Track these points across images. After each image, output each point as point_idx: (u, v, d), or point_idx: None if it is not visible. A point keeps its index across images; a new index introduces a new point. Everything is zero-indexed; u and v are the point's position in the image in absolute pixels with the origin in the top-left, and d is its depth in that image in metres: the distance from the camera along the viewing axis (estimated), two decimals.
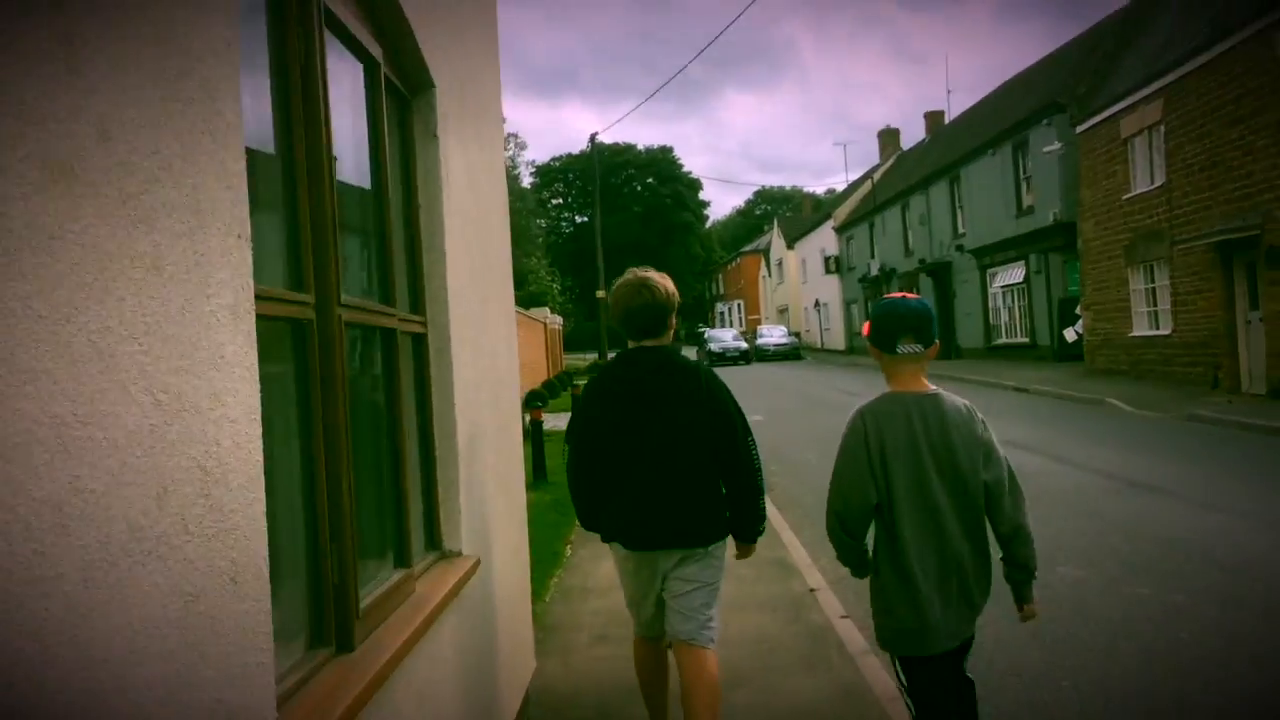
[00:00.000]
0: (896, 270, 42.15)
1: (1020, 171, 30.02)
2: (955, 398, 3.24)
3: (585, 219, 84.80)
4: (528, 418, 12.22)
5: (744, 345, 47.91)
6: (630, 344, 3.95)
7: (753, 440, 3.80)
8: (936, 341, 3.26)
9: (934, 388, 3.23)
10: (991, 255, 31.88)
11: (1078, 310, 27.05)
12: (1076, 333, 27.22)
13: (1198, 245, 18.44)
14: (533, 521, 9.64)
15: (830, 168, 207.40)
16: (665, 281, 3.94)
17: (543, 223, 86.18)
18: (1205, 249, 18.32)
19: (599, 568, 7.95)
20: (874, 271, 44.24)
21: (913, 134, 53.77)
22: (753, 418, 4.07)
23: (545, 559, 7.97)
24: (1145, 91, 20.41)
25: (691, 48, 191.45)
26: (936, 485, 3.09)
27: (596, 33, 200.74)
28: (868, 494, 3.11)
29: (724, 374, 29.98)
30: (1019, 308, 30.83)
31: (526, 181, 69.58)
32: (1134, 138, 21.24)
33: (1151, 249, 20.52)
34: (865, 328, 3.34)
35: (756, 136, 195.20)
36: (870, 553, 3.27)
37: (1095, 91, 23.34)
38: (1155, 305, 20.90)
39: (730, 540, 3.93)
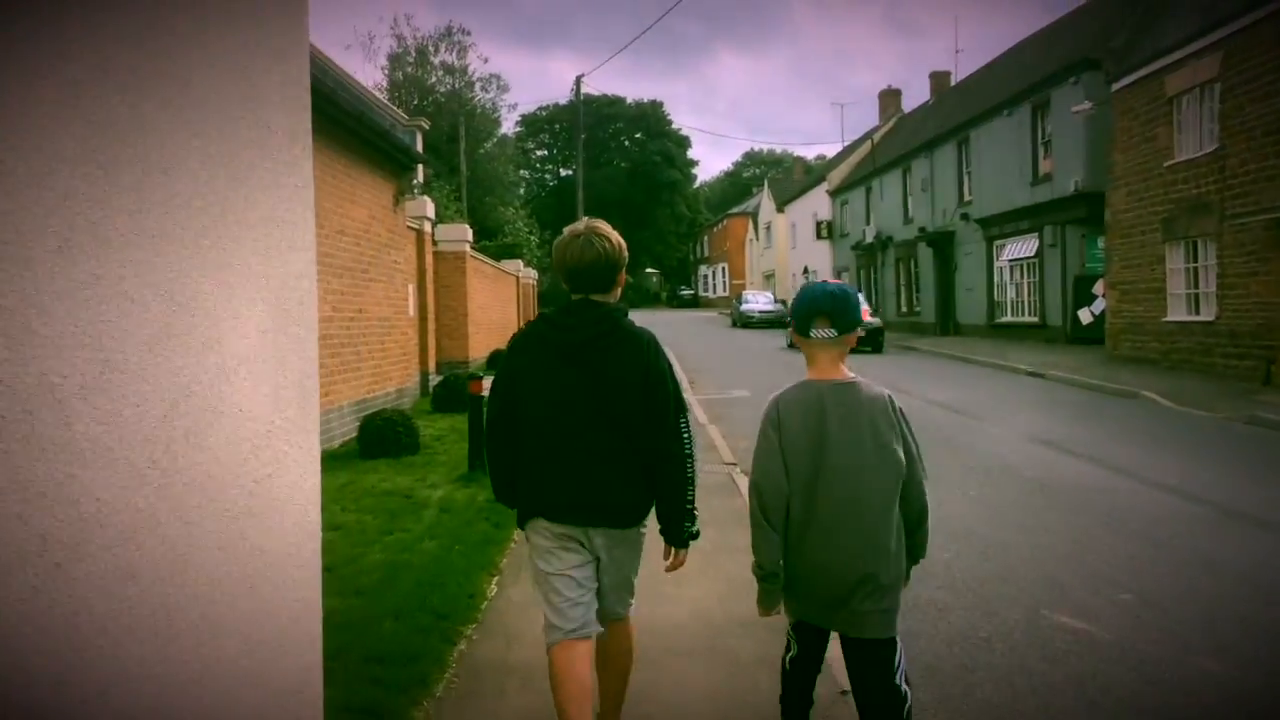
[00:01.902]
0: (894, 238, 39.82)
1: (1039, 135, 27.65)
2: (874, 386, 3.21)
3: (570, 172, 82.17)
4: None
5: (780, 309, 44.89)
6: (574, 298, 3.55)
7: (686, 423, 3.47)
8: (858, 330, 3.24)
9: (852, 375, 3.21)
10: (1000, 226, 29.56)
11: (1095, 289, 24.89)
12: (1092, 314, 25.07)
13: (1255, 221, 16.16)
14: (452, 534, 7.38)
15: (820, 134, 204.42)
16: (615, 235, 3.59)
17: (525, 173, 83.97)
18: (1265, 225, 16.03)
19: (536, 625, 5.60)
20: (869, 238, 41.94)
21: (913, 99, 51.16)
22: (737, 392, 2.42)
23: (454, 603, 5.59)
24: (1199, 44, 18.04)
25: (684, 4, 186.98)
26: (838, 475, 3.10)
27: None
28: (780, 480, 3.15)
29: (717, 340, 27.26)
30: (1029, 284, 28.56)
31: (509, 127, 66.81)
32: (1182, 96, 18.88)
33: (1196, 223, 18.23)
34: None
35: (747, 98, 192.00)
36: (780, 578, 3.25)
37: (1135, 45, 20.92)
38: (1196, 287, 18.63)
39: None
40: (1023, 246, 28.40)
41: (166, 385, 1.77)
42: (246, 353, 2.05)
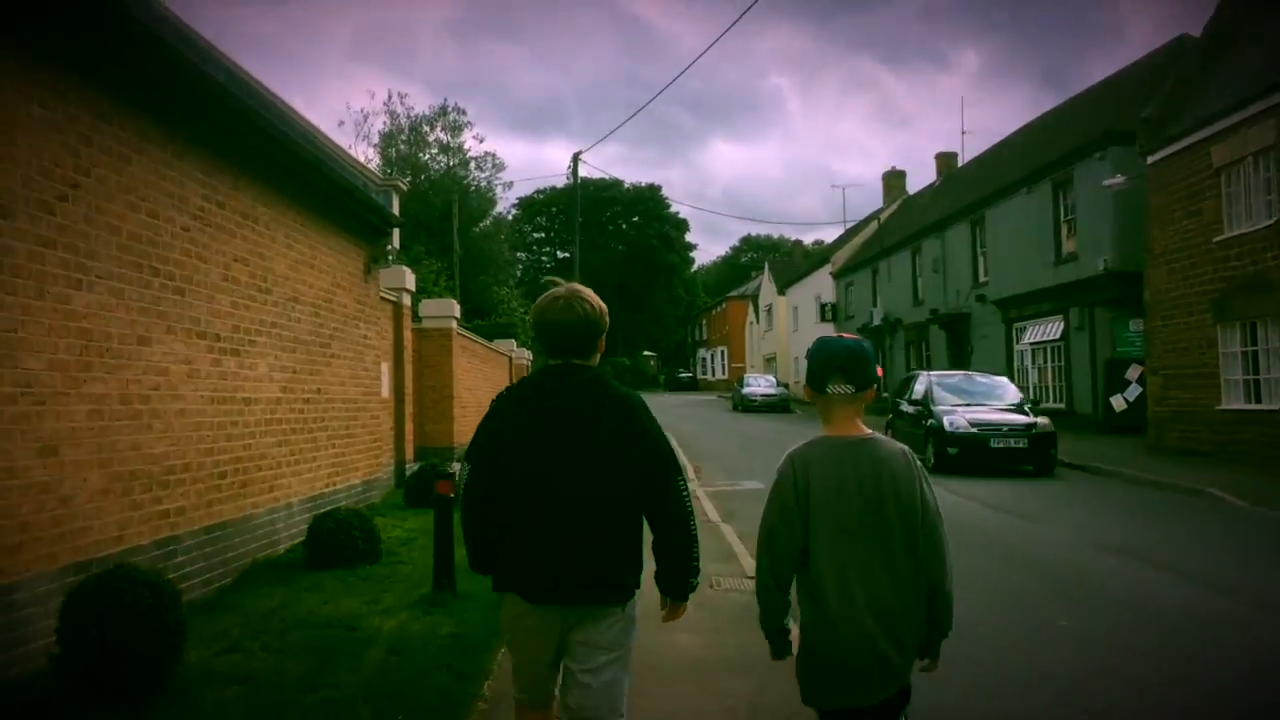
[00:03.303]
0: (903, 320, 38.31)
1: (1061, 213, 26.25)
2: (892, 443, 3.13)
3: (567, 255, 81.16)
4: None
5: (783, 392, 44.90)
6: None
7: (684, 482, 3.33)
8: (874, 386, 3.15)
9: (869, 432, 3.13)
10: (1020, 307, 28.01)
11: (1128, 375, 23.23)
12: (1126, 400, 23.37)
13: None
14: (399, 693, 5.54)
15: (816, 220, 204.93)
16: (596, 298, 3.42)
17: (522, 255, 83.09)
18: None
19: None
20: (876, 320, 40.42)
21: (912, 184, 50.05)
22: (748, 484, 1.80)
23: None
24: (1249, 111, 16.67)
25: (677, 95, 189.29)
26: (862, 534, 2.99)
27: (582, 75, 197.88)
28: (794, 539, 3.03)
29: (719, 425, 25.32)
30: (1053, 368, 26.90)
31: (505, 208, 65.85)
32: (1229, 168, 17.43)
33: (1254, 303, 16.63)
34: None
35: (741, 186, 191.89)
36: (789, 630, 3.16)
37: (1172, 115, 19.57)
38: (1256, 373, 16.95)
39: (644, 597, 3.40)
40: (1046, 329, 26.81)
41: None
42: None
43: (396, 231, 12.97)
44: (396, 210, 13.56)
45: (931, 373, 20.96)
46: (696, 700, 5.36)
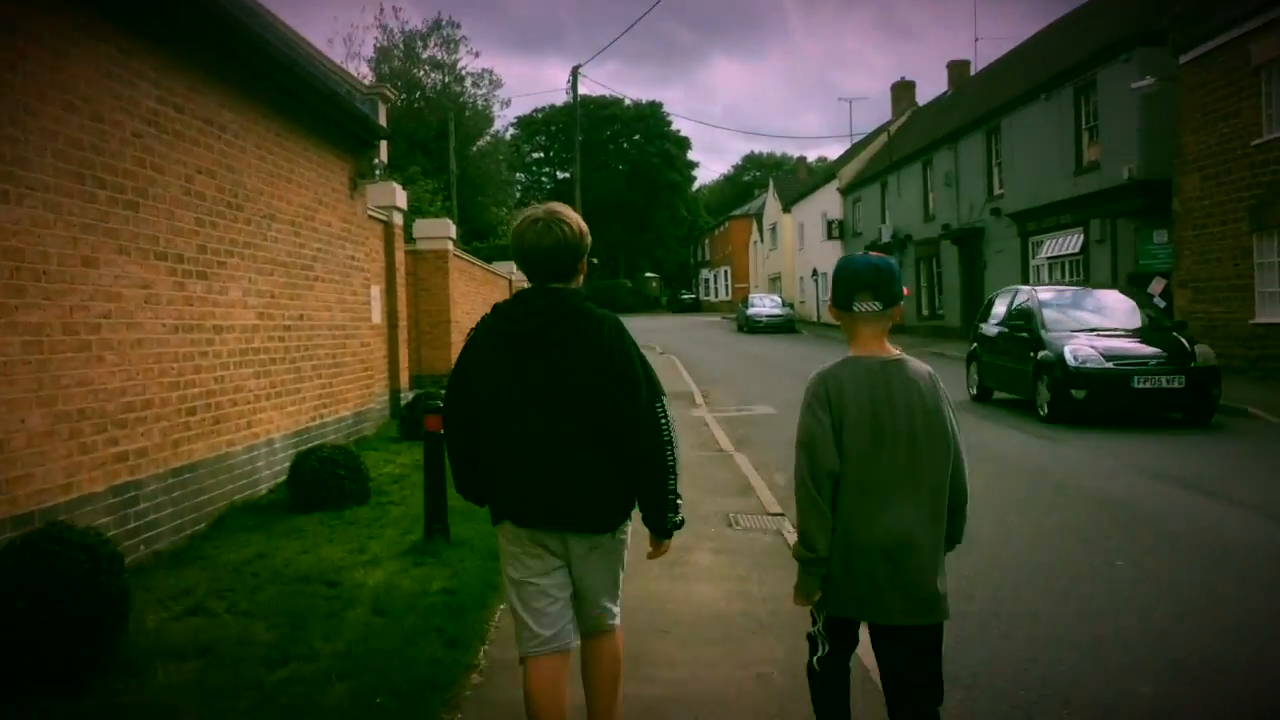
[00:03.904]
0: (913, 236, 37.26)
1: (1082, 120, 25.08)
2: (919, 364, 3.09)
3: (567, 175, 79.71)
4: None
5: (789, 313, 44.27)
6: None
7: (663, 407, 3.19)
8: (900, 304, 3.12)
9: (897, 352, 3.08)
10: (1038, 220, 26.99)
11: (1150, 288, 22.28)
12: (1149, 316, 22.46)
13: None
14: (380, 664, 4.80)
15: (815, 139, 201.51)
16: (577, 219, 3.30)
17: (521, 176, 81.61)
18: None
19: None
20: (885, 237, 39.30)
21: (924, 94, 48.46)
22: (759, 409, 0.59)
23: None
24: None
25: (677, 10, 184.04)
26: (892, 456, 2.97)
27: None
28: (833, 457, 2.97)
29: (725, 347, 24.46)
30: (1072, 283, 25.97)
31: (502, 125, 64.31)
32: (1269, 66, 16.36)
33: None
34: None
35: (743, 102, 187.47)
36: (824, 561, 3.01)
37: (1207, 12, 18.40)
38: None
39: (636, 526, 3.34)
40: (1065, 242, 25.83)
41: None
42: None
43: (384, 144, 12.03)
44: (384, 121, 12.58)
45: (1036, 288, 16.08)
46: (723, 669, 4.65)
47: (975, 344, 16.44)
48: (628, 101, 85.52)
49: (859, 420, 2.97)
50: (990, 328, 15.90)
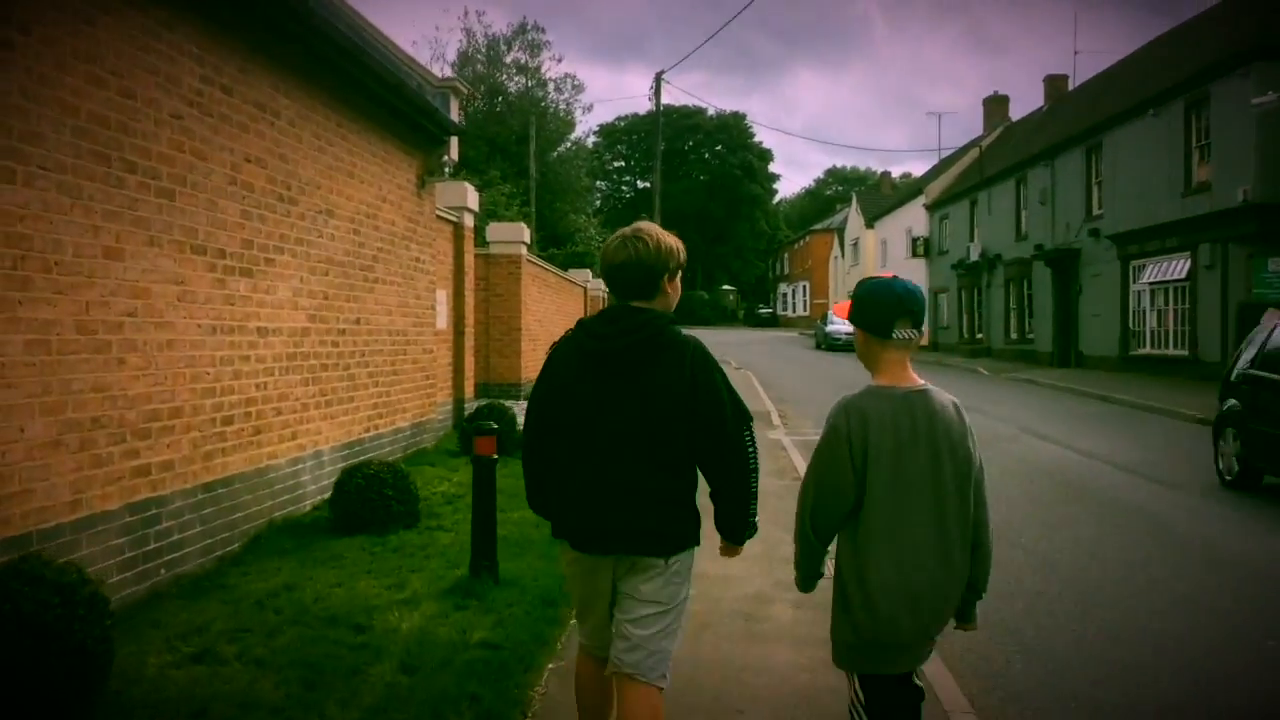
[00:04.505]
0: (1003, 256, 35.79)
1: (1193, 138, 23.63)
2: (944, 395, 3.00)
3: (647, 184, 79.20)
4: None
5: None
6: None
7: (750, 435, 3.16)
8: (924, 328, 3.29)
9: (923, 382, 2.98)
10: (1141, 243, 25.53)
11: (1264, 320, 20.83)
12: None
13: None
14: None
15: (899, 155, 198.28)
16: (663, 236, 3.26)
17: (602, 184, 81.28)
18: None
19: None
20: (974, 256, 37.92)
21: (1016, 110, 46.71)
22: None
23: None
24: None
25: (761, 21, 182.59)
26: (917, 493, 2.88)
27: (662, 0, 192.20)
28: (846, 496, 2.90)
29: (803, 364, 23.47)
30: (1176, 311, 24.48)
31: (583, 131, 63.98)
32: None
33: None
34: (840, 309, 3.18)
35: (826, 116, 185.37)
36: (824, 564, 3.06)
37: None
38: None
39: (700, 548, 3.26)
40: (1169, 267, 24.37)
41: None
42: None
43: (455, 141, 11.39)
44: (456, 116, 11.95)
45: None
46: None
47: (1233, 399, 10.80)
48: (711, 111, 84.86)
49: (881, 455, 2.87)
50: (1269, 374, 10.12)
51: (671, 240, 3.27)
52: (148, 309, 5.81)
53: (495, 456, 6.10)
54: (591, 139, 72.79)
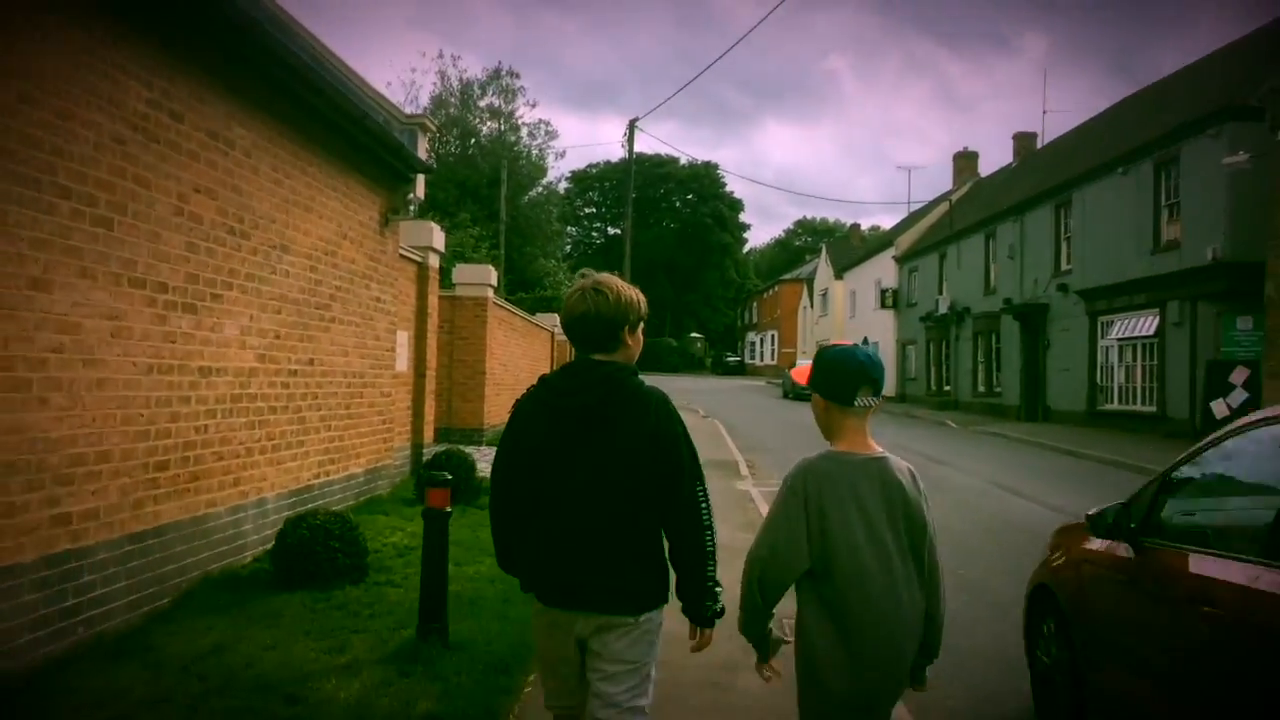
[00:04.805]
0: (971, 309, 35.86)
1: (1162, 196, 23.75)
2: (900, 461, 3.03)
3: (618, 231, 79.30)
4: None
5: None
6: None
7: (704, 491, 3.11)
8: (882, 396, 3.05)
9: (880, 450, 3.02)
10: (1109, 299, 25.57)
11: (1232, 378, 20.85)
12: (1229, 407, 20.92)
13: None
14: None
15: (868, 207, 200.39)
16: (624, 289, 3.23)
17: (573, 230, 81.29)
18: None
19: None
20: (942, 309, 37.98)
21: (988, 165, 47.24)
22: None
23: None
24: None
25: (733, 74, 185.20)
26: (876, 558, 2.88)
27: (636, 50, 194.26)
28: (798, 560, 2.91)
29: (770, 413, 23.18)
30: (1144, 367, 24.47)
31: (554, 175, 63.97)
32: None
33: None
34: (799, 373, 3.22)
35: (795, 168, 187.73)
36: (772, 631, 3.10)
37: None
38: None
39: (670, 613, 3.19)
40: (1138, 324, 24.39)
41: None
42: None
43: (422, 179, 11.07)
44: (424, 154, 11.64)
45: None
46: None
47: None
48: (683, 160, 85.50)
49: (840, 520, 2.90)
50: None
51: (632, 293, 3.24)
52: (77, 345, 5.40)
53: (449, 510, 5.70)
54: (563, 185, 72.92)
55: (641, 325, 3.28)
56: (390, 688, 4.87)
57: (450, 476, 5.83)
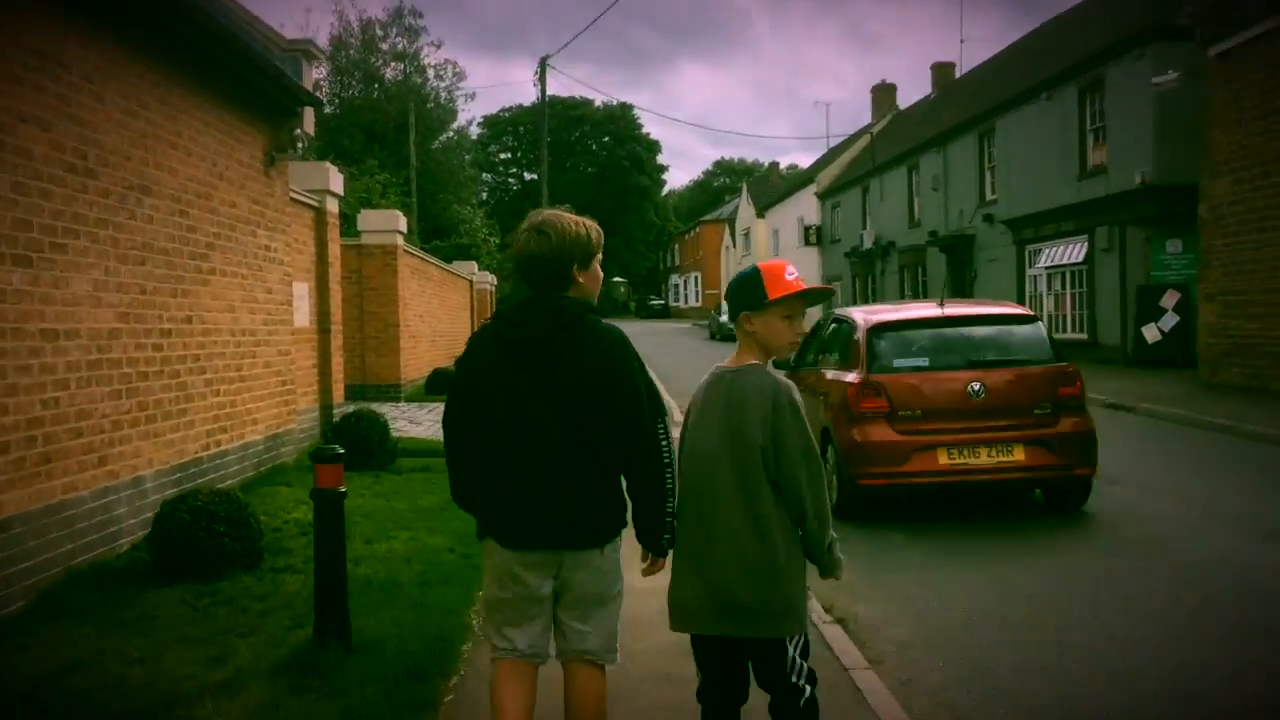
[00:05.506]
0: (896, 243, 35.49)
1: (1087, 121, 23.36)
2: (771, 376, 3.09)
3: (534, 176, 77.61)
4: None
5: None
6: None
7: (665, 429, 3.10)
8: (750, 310, 3.13)
9: (751, 363, 3.12)
10: (1036, 227, 25.24)
11: (1163, 302, 20.72)
12: (1161, 331, 20.87)
13: None
14: None
15: (786, 146, 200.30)
16: (569, 226, 3.12)
17: (488, 176, 79.32)
18: None
19: None
20: (867, 243, 37.58)
21: (905, 99, 46.72)
22: None
23: None
24: None
25: (644, 14, 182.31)
26: (718, 465, 3.04)
27: None
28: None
29: (699, 355, 22.46)
30: (1073, 295, 24.25)
31: (464, 118, 62.06)
32: None
33: None
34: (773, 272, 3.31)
35: (710, 109, 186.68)
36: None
37: (1238, 3, 16.68)
38: None
39: (628, 543, 3.23)
40: (1067, 251, 24.10)
41: None
42: None
43: (309, 112, 9.95)
44: (309, 84, 10.50)
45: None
46: None
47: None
48: (598, 102, 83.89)
49: (694, 424, 3.15)
50: None
51: (580, 228, 3.13)
52: None
53: (343, 490, 4.81)
54: (476, 130, 70.90)
55: (596, 259, 3.18)
56: (279, 709, 3.99)
57: (342, 451, 4.93)
